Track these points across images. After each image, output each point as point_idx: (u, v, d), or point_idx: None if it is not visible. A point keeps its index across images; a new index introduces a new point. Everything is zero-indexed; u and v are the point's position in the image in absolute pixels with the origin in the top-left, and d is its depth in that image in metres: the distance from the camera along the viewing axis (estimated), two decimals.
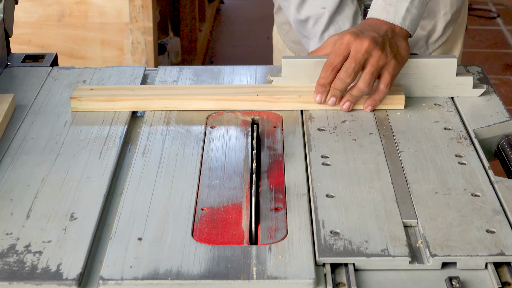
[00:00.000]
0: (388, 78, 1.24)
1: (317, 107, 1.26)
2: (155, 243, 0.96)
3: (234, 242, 0.96)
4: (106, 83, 1.35)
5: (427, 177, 1.09)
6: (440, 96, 1.30)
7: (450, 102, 1.29)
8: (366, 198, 1.04)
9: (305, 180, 1.08)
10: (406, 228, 0.99)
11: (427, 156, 1.13)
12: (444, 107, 1.27)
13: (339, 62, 1.24)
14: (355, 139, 1.18)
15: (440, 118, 1.24)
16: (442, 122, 1.23)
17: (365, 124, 1.22)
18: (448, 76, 1.29)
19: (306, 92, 1.27)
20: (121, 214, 1.01)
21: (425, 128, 1.21)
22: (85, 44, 2.33)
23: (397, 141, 1.18)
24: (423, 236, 0.97)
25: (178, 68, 1.42)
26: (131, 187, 1.07)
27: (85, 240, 0.96)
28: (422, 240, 0.97)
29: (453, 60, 1.29)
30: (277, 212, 1.02)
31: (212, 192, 1.06)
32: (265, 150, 1.16)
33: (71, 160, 1.13)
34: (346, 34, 1.24)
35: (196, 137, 1.19)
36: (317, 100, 1.25)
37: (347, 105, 1.25)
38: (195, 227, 0.99)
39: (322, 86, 1.25)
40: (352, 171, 1.10)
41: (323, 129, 1.21)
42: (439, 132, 1.20)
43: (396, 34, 1.27)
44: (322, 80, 1.25)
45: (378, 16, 1.29)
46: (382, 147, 1.16)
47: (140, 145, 1.17)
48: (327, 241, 0.96)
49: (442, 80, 1.30)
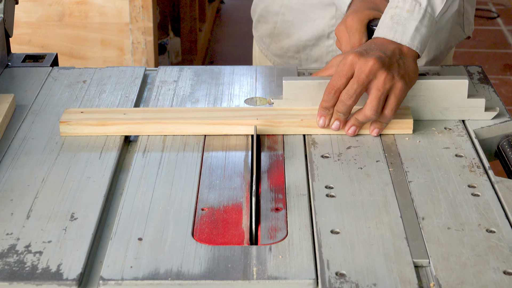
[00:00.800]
0: (394, 103, 1.17)
1: (320, 132, 1.19)
2: (155, 243, 0.96)
3: (234, 242, 0.96)
4: (106, 83, 1.35)
5: (438, 210, 1.02)
6: (450, 119, 1.24)
7: (461, 126, 1.22)
8: (374, 234, 0.97)
9: (305, 179, 1.08)
10: (417, 269, 0.93)
11: (438, 187, 1.07)
12: (455, 131, 1.21)
13: (342, 84, 1.16)
14: (361, 167, 1.11)
15: (451, 144, 1.17)
16: (453, 148, 1.16)
17: (371, 151, 1.16)
18: (459, 98, 1.23)
19: (308, 115, 1.21)
20: (121, 214, 1.01)
21: (436, 155, 1.15)
22: (85, 44, 2.33)
23: (405, 169, 1.11)
24: (435, 278, 0.91)
25: (178, 68, 1.42)
26: (131, 187, 1.07)
27: (85, 240, 0.96)
28: (435, 282, 0.91)
29: (465, 82, 1.22)
30: (277, 212, 1.02)
31: (212, 192, 1.06)
32: (266, 150, 1.16)
33: (71, 160, 1.13)
34: (350, 54, 1.17)
35: (196, 137, 1.19)
36: (320, 124, 1.19)
37: (352, 130, 1.18)
38: (195, 227, 0.99)
39: (325, 109, 1.18)
40: (358, 203, 1.03)
41: (327, 156, 1.14)
42: (450, 159, 1.14)
43: (404, 54, 1.19)
44: (324, 103, 1.18)
45: (385, 35, 1.21)
46: (390, 176, 1.10)
47: (140, 144, 1.17)
48: (333, 284, 0.90)
49: (452, 103, 1.23)
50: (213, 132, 1.19)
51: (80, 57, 2.34)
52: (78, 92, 1.33)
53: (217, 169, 1.11)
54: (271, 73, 1.39)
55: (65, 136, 1.19)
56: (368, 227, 0.99)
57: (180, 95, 1.32)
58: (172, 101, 1.30)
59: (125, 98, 1.31)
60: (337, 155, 1.15)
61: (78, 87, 1.35)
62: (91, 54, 2.34)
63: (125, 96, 1.31)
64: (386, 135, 1.20)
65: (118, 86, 1.35)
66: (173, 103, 1.29)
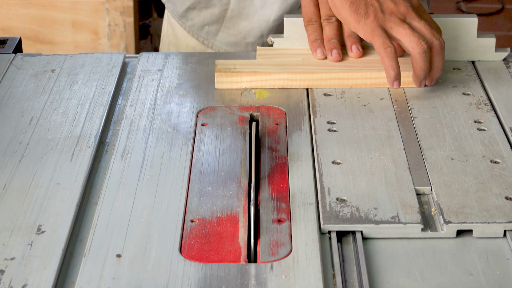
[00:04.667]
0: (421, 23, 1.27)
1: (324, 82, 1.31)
2: (137, 260, 0.96)
3: (229, 260, 0.97)
4: (78, 73, 1.36)
5: (442, 143, 1.16)
6: (459, 60, 1.36)
7: (470, 67, 1.35)
8: (376, 164, 1.11)
9: (312, 186, 1.09)
10: (419, 196, 1.06)
11: (443, 122, 1.21)
12: (464, 71, 1.34)
13: (313, 12, 1.33)
14: (365, 104, 1.26)
15: (459, 83, 1.30)
16: (461, 87, 1.29)
17: (376, 89, 1.30)
18: (468, 38, 1.35)
19: (310, 54, 1.34)
20: (96, 227, 1.02)
21: (442, 93, 1.28)
22: (54, 26, 2.34)
23: (410, 106, 1.25)
24: (437, 203, 1.04)
25: (164, 55, 1.42)
26: (108, 195, 1.07)
27: (54, 257, 0.97)
28: (436, 207, 1.04)
29: (474, 20, 1.34)
30: (280, 224, 1.02)
31: (203, 200, 1.06)
32: (266, 151, 1.17)
33: (37, 163, 1.13)
34: None
35: (185, 136, 1.20)
36: (319, 56, 1.32)
37: (355, 48, 1.33)
38: (183, 241, 0.99)
39: (315, 41, 1.32)
40: (361, 137, 1.17)
41: (329, 94, 1.28)
42: (457, 97, 1.27)
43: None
44: (311, 36, 1.33)
45: None
46: (394, 112, 1.23)
47: (119, 144, 1.17)
48: (333, 208, 1.03)
49: (461, 42, 1.35)
50: None
51: (48, 42, 2.35)
52: (45, 84, 1.33)
53: (209, 174, 1.12)
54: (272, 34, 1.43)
55: None
56: (370, 158, 1.12)
57: (166, 86, 1.33)
58: (156, 93, 1.31)
59: (101, 90, 1.31)
60: (340, 93, 1.29)
61: (46, 77, 1.35)
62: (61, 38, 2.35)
63: (101, 88, 1.32)
64: None
65: (92, 76, 1.36)
66: (157, 97, 1.30)
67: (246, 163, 1.13)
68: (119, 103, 1.31)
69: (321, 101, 1.27)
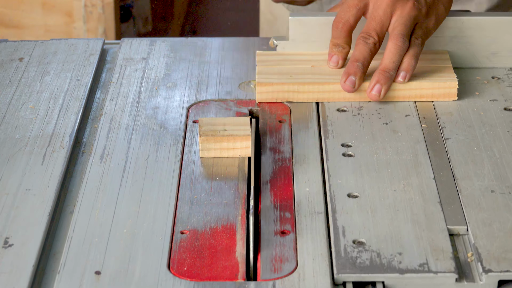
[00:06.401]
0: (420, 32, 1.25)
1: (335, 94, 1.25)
2: (119, 278, 0.97)
3: (225, 277, 0.97)
4: (50, 62, 1.36)
5: (480, 171, 1.11)
6: (499, 67, 1.32)
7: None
8: (401, 198, 1.06)
9: (321, 193, 1.09)
10: (452, 237, 1.02)
11: (481, 145, 1.16)
12: (505, 81, 1.29)
13: (352, 15, 1.26)
14: (387, 122, 1.21)
15: (499, 96, 1.26)
16: (502, 101, 1.25)
17: (399, 103, 1.25)
18: (511, 40, 1.31)
19: (321, 61, 1.29)
20: (72, 240, 1.02)
21: (480, 108, 1.23)
22: (21, 7, 2.34)
23: (442, 125, 1.20)
24: (474, 247, 0.99)
25: (149, 41, 1.43)
26: (86, 203, 1.08)
27: (24, 274, 0.97)
28: (473, 251, 0.99)
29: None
30: (284, 236, 1.03)
31: (195, 209, 1.07)
32: (268, 153, 1.17)
33: (3, 166, 1.14)
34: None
35: (174, 135, 1.20)
36: (332, 64, 1.27)
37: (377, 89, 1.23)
38: (172, 256, 1.00)
39: (336, 46, 1.27)
40: (382, 164, 1.12)
41: (344, 110, 1.23)
42: (497, 113, 1.22)
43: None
44: (334, 40, 1.27)
45: None
46: (422, 133, 1.18)
47: (97, 145, 1.18)
48: (349, 254, 0.98)
49: (502, 46, 1.31)
50: None
51: (14, 26, 2.35)
52: (12, 74, 1.34)
53: (201, 179, 1.12)
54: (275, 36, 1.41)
55: None
56: (394, 191, 1.07)
57: (152, 77, 1.33)
58: (140, 86, 1.31)
59: (76, 81, 1.32)
60: (356, 108, 1.23)
61: (13, 66, 1.36)
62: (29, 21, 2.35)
63: (77, 79, 1.32)
64: None
65: (66, 65, 1.36)
66: (141, 89, 1.30)
67: (245, 166, 1.13)
68: (97, 96, 1.31)
69: (333, 118, 1.22)
